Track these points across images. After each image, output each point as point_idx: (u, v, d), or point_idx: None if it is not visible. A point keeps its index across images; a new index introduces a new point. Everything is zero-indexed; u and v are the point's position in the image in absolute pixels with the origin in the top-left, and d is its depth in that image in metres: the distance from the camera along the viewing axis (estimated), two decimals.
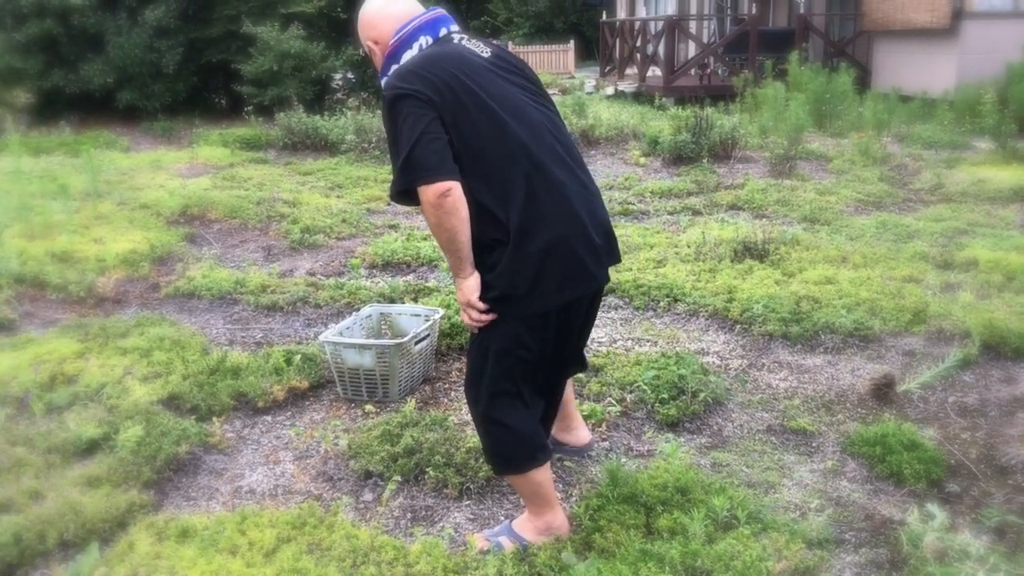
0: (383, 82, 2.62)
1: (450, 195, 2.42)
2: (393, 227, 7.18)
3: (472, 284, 2.56)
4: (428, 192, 2.42)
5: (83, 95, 14.02)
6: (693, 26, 17.81)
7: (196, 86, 14.67)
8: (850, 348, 4.43)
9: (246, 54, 13.50)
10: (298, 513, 2.86)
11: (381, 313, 4.40)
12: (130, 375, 4.06)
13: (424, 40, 2.65)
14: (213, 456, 3.47)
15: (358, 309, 5.10)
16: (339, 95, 15.27)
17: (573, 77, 25.52)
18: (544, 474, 2.72)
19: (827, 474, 3.23)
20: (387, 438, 3.39)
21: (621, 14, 22.66)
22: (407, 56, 2.61)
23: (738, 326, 4.72)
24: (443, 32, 2.71)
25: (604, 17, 21.70)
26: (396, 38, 2.64)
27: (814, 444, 3.48)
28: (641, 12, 22.43)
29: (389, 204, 8.10)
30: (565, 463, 3.31)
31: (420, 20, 2.67)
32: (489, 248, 2.55)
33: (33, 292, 5.37)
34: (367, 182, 8.99)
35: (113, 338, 4.51)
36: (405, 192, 2.50)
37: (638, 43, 17.17)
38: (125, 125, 13.64)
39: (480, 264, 2.57)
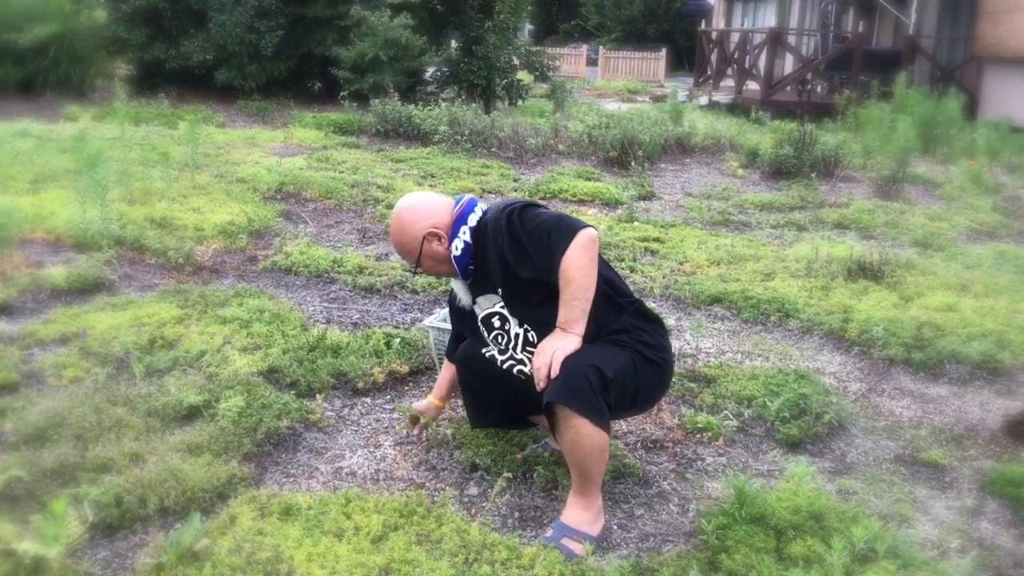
0: (464, 234, 2.80)
1: (597, 242, 2.64)
2: None
3: (579, 342, 2.63)
4: (584, 236, 2.59)
5: (182, 70, 14.22)
6: (794, 40, 17.40)
7: (292, 69, 14.76)
8: (977, 380, 4.16)
9: (346, 40, 13.54)
10: (405, 501, 2.73)
11: None
12: (229, 344, 3.99)
13: (480, 207, 2.86)
14: (313, 434, 3.36)
15: None
16: (431, 88, 15.25)
17: (663, 85, 25.24)
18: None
19: (965, 512, 2.99)
20: (493, 431, 3.24)
21: (719, 24, 22.31)
22: (472, 218, 2.81)
23: (856, 348, 4.47)
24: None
25: (703, 26, 21.35)
26: (457, 208, 2.85)
27: (947, 479, 3.24)
28: (738, 23, 22.05)
29: (482, 196, 7.98)
30: (687, 475, 3.13)
31: (467, 196, 2.92)
32: (620, 308, 2.80)
33: (132, 255, 5.36)
34: (460, 173, 8.89)
35: (212, 306, 4.45)
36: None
37: (736, 54, 16.83)
38: (220, 102, 13.79)
39: (617, 319, 2.77)
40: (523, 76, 16.55)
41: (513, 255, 2.67)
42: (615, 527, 2.83)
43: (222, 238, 5.80)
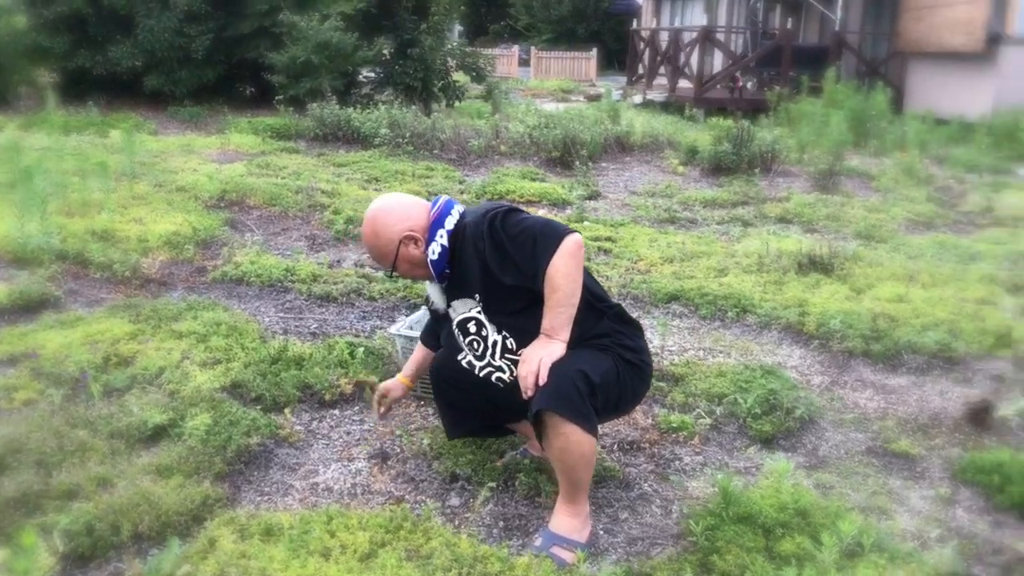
0: (441, 238, 2.74)
1: (583, 248, 2.61)
2: None
3: (564, 349, 2.60)
4: (571, 241, 2.55)
5: (110, 77, 13.85)
6: (724, 38, 17.64)
7: (224, 74, 14.47)
8: (935, 369, 4.24)
9: (279, 44, 13.32)
10: (390, 516, 2.67)
11: None
12: (188, 360, 3.87)
13: (457, 210, 2.81)
14: (284, 450, 3.28)
15: (417, 304, 4.92)
16: (366, 90, 15.10)
17: (595, 85, 25.40)
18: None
19: (940, 502, 3.04)
20: (470, 439, 3.20)
21: (648, 23, 22.53)
22: (449, 221, 2.76)
23: (815, 341, 4.53)
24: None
25: (634, 25, 21.54)
26: (435, 210, 2.79)
27: (918, 469, 3.29)
28: (667, 22, 22.31)
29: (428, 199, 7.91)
30: (670, 477, 3.13)
31: (443, 198, 2.85)
32: (600, 313, 2.77)
33: (76, 270, 5.18)
34: (404, 176, 8.81)
35: (166, 321, 4.32)
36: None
37: (669, 53, 17.00)
38: (151, 109, 13.46)
39: (598, 324, 2.75)
40: (459, 77, 16.50)
41: (496, 261, 2.63)
42: (601, 532, 2.81)
43: (168, 249, 5.65)
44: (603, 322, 2.75)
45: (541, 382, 2.51)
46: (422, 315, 4.00)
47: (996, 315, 4.80)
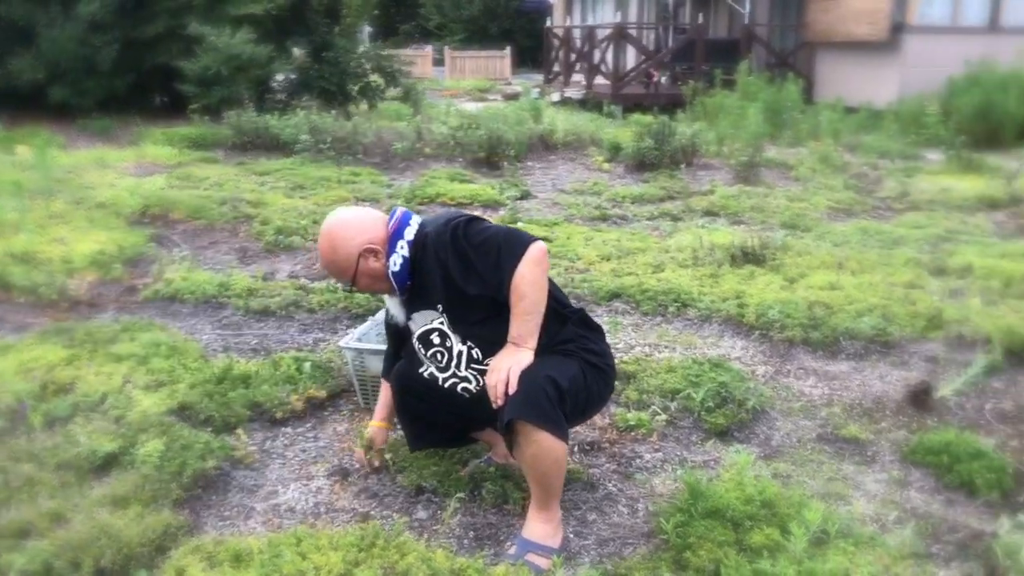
0: (402, 249, 2.72)
1: (547, 255, 2.64)
2: None
3: (532, 357, 2.60)
4: (536, 249, 2.57)
5: (10, 90, 13.31)
6: (637, 34, 17.87)
7: (133, 84, 14.05)
8: (873, 354, 4.37)
9: (189, 52, 13.00)
10: (361, 534, 2.62)
11: None
12: (130, 384, 3.75)
13: (415, 220, 2.78)
14: (241, 472, 3.20)
15: (358, 314, 4.86)
16: (280, 96, 14.85)
17: (510, 83, 25.48)
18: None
19: (893, 484, 3.13)
20: (432, 451, 3.17)
21: (559, 20, 22.68)
22: (409, 231, 2.73)
23: (755, 332, 4.63)
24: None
25: (547, 23, 21.65)
26: (393, 222, 2.75)
27: (869, 453, 3.38)
28: (578, 19, 22.49)
29: (356, 205, 7.83)
30: (636, 476, 3.15)
31: (400, 209, 2.82)
32: (564, 319, 2.78)
33: None
34: (330, 183, 8.69)
35: (102, 344, 4.18)
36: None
37: (584, 50, 17.14)
38: (57, 122, 12.98)
39: (562, 330, 2.75)
40: (375, 79, 16.35)
41: (459, 271, 2.61)
42: (571, 535, 2.81)
43: (95, 269, 5.47)
44: (567, 327, 2.76)
45: (511, 391, 2.51)
46: (369, 326, 3.95)
47: (925, 298, 4.97)
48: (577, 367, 2.68)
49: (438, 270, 2.66)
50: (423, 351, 2.83)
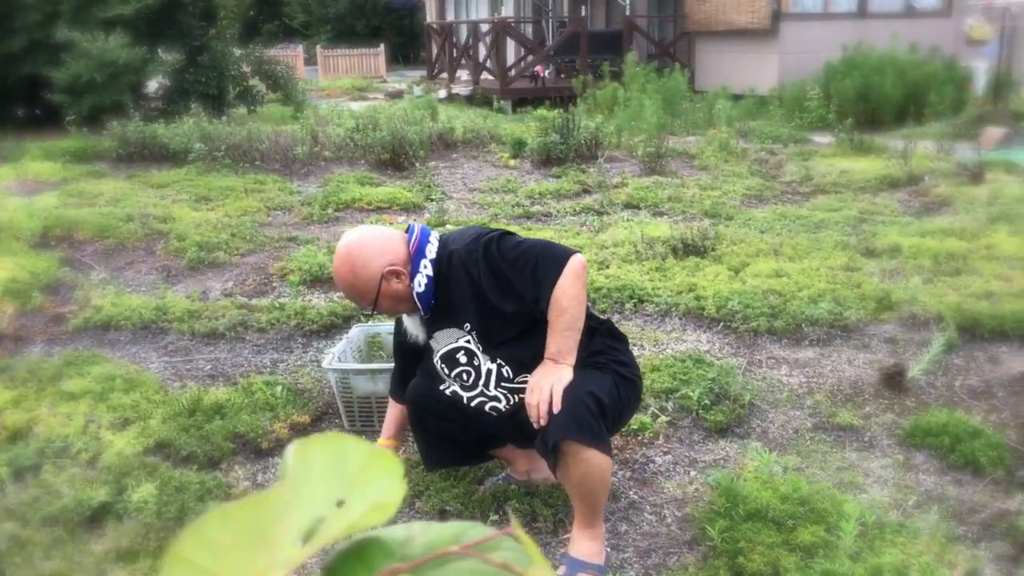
0: (426, 268, 2.61)
1: (586, 268, 2.60)
2: (293, 239, 6.66)
3: (572, 374, 2.53)
4: (576, 262, 2.51)
5: None
6: (520, 28, 17.90)
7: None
8: (835, 339, 4.47)
9: (57, 59, 12.26)
10: None
11: (367, 334, 4.02)
12: (95, 423, 3.48)
13: (434, 237, 2.69)
14: None
15: (312, 331, 4.67)
16: (156, 103, 14.21)
17: (386, 81, 25.14)
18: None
19: (900, 469, 3.20)
20: (444, 472, 3.05)
21: (432, 16, 22.53)
22: (430, 249, 2.63)
23: (719, 324, 4.66)
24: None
25: (428, 19, 21.45)
26: (413, 241, 2.64)
27: (866, 439, 3.44)
28: (451, 15, 22.39)
29: (270, 215, 7.56)
30: (655, 482, 3.11)
31: (417, 226, 2.72)
32: (592, 330, 2.71)
33: None
34: (236, 192, 8.34)
35: (48, 381, 3.87)
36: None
37: (469, 45, 17.06)
38: None
39: (591, 341, 2.69)
40: (255, 83, 15.84)
41: (494, 288, 2.50)
42: (608, 549, 2.75)
43: (11, 299, 5.06)
44: (596, 339, 2.69)
45: (555, 409, 2.42)
46: (344, 346, 3.79)
47: (868, 281, 5.12)
48: (611, 381, 2.62)
49: (468, 288, 2.55)
50: (446, 370, 2.72)
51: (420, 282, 2.58)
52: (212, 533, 0.44)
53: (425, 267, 2.58)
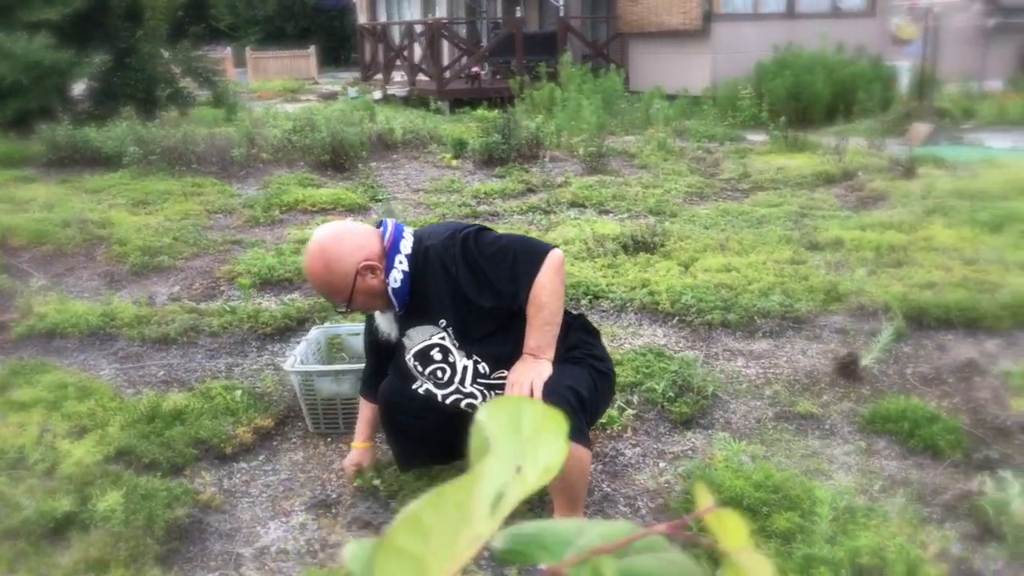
0: (401, 264, 2.60)
1: (564, 263, 2.62)
2: (237, 242, 6.55)
3: (551, 368, 2.56)
4: (555, 257, 2.54)
5: None
6: (455, 30, 17.88)
7: None
8: (787, 331, 4.56)
9: None
10: None
11: (328, 335, 3.97)
12: (50, 432, 3.38)
13: (408, 232, 2.69)
14: (212, 516, 2.95)
15: (266, 334, 4.60)
16: (85, 105, 13.85)
17: (317, 82, 24.88)
18: None
19: (862, 455, 3.27)
20: (417, 473, 3.03)
21: (365, 18, 22.37)
22: (404, 245, 2.62)
23: (674, 318, 4.72)
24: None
25: (363, 20, 21.28)
26: (388, 236, 2.61)
27: (826, 426, 3.52)
28: (383, 16, 22.27)
29: (211, 218, 7.42)
30: (626, 475, 3.13)
31: (391, 222, 2.71)
32: (567, 325, 2.73)
33: None
34: (175, 195, 8.17)
35: None
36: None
37: (404, 46, 16.98)
38: None
39: (568, 336, 2.72)
40: (185, 84, 15.53)
41: (472, 284, 2.50)
42: None
43: None
44: (572, 334, 2.70)
45: None
46: (305, 348, 3.74)
47: (815, 273, 5.23)
48: (588, 375, 2.63)
49: (445, 283, 2.55)
50: (420, 368, 2.70)
51: (396, 277, 2.56)
52: (426, 518, 0.43)
53: (400, 262, 2.57)
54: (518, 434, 0.48)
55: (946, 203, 6.79)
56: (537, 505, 2.89)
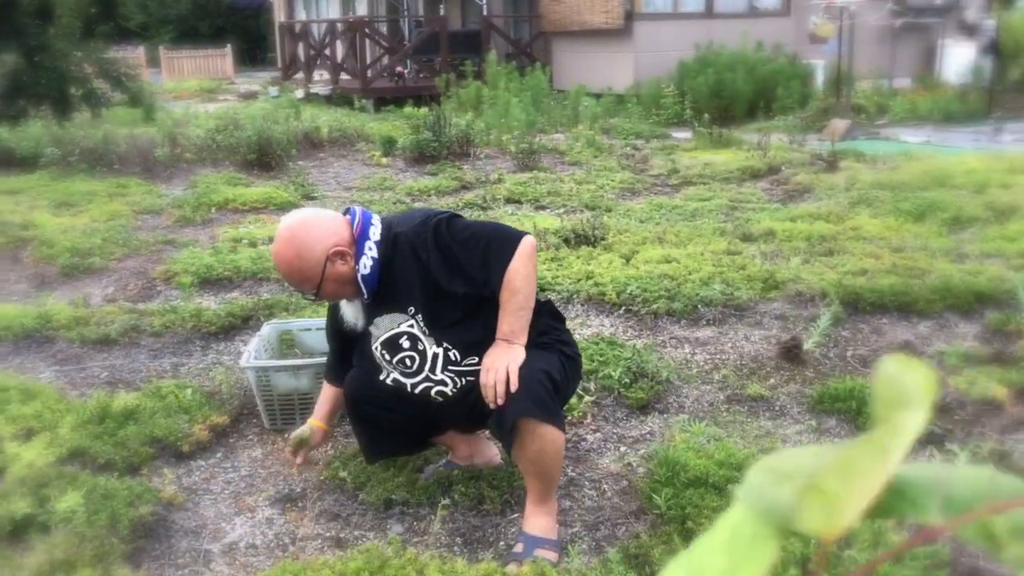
0: (371, 251, 2.58)
1: (536, 249, 2.61)
2: (169, 242, 6.41)
3: (524, 353, 2.56)
4: (527, 243, 2.54)
5: None
6: (378, 28, 17.77)
7: None
8: (730, 318, 4.67)
9: None
10: (366, 558, 2.46)
11: (279, 331, 3.93)
12: None
13: (377, 219, 2.67)
14: (176, 514, 2.90)
15: (210, 332, 4.52)
16: None
17: (234, 82, 24.44)
18: None
19: (814, 433, 3.38)
20: (384, 463, 3.03)
21: (283, 16, 22.07)
22: (374, 231, 2.59)
23: (620, 308, 4.79)
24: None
25: (280, 18, 20.98)
26: (357, 223, 2.60)
27: (777, 407, 3.62)
28: (302, 14, 22.01)
29: (138, 219, 7.25)
30: (588, 459, 3.18)
31: (358, 209, 2.68)
32: (537, 312, 2.70)
33: None
34: (99, 196, 7.95)
35: None
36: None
37: (326, 43, 16.81)
38: None
39: (537, 322, 2.69)
40: (98, 84, 15.10)
41: (443, 270, 2.51)
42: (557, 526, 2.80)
43: None
44: (540, 319, 2.73)
45: (513, 388, 2.45)
46: (258, 344, 3.69)
47: (751, 263, 5.37)
48: (558, 359, 2.66)
49: (416, 270, 2.55)
50: (387, 356, 2.70)
51: (365, 264, 2.55)
52: (856, 462, 0.46)
53: (370, 249, 2.56)
54: (906, 386, 0.50)
55: (870, 194, 7.03)
56: (508, 491, 2.92)
